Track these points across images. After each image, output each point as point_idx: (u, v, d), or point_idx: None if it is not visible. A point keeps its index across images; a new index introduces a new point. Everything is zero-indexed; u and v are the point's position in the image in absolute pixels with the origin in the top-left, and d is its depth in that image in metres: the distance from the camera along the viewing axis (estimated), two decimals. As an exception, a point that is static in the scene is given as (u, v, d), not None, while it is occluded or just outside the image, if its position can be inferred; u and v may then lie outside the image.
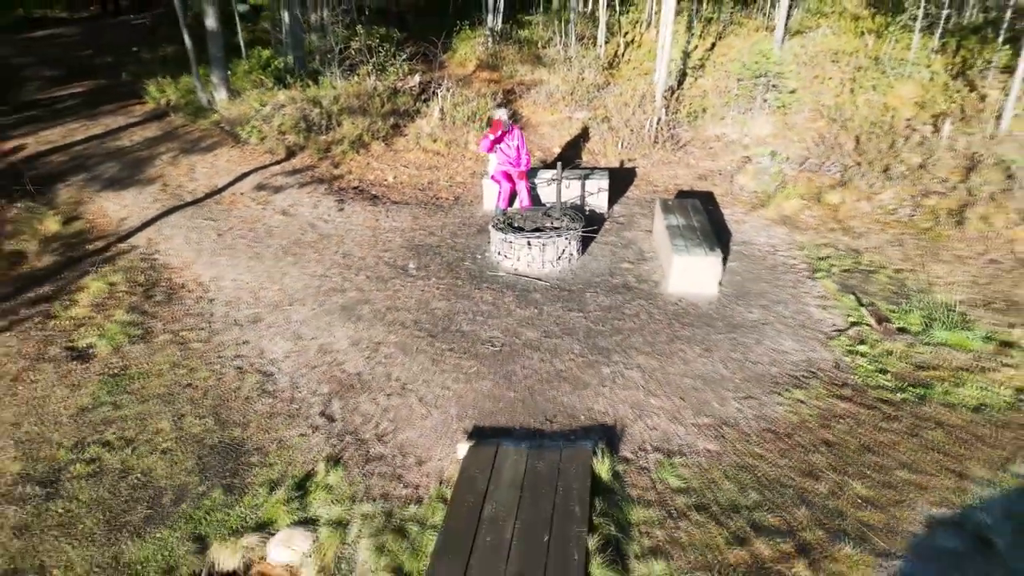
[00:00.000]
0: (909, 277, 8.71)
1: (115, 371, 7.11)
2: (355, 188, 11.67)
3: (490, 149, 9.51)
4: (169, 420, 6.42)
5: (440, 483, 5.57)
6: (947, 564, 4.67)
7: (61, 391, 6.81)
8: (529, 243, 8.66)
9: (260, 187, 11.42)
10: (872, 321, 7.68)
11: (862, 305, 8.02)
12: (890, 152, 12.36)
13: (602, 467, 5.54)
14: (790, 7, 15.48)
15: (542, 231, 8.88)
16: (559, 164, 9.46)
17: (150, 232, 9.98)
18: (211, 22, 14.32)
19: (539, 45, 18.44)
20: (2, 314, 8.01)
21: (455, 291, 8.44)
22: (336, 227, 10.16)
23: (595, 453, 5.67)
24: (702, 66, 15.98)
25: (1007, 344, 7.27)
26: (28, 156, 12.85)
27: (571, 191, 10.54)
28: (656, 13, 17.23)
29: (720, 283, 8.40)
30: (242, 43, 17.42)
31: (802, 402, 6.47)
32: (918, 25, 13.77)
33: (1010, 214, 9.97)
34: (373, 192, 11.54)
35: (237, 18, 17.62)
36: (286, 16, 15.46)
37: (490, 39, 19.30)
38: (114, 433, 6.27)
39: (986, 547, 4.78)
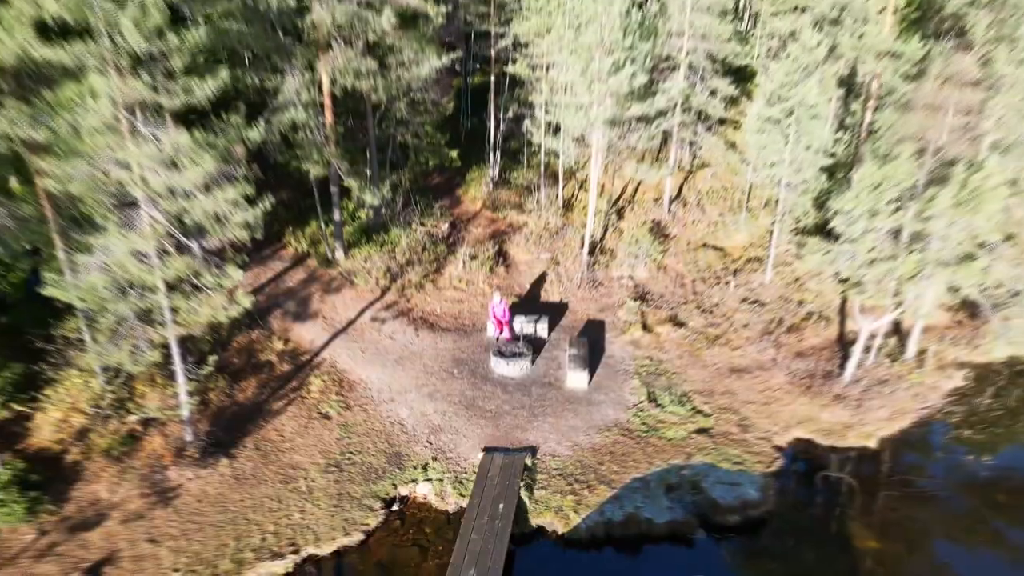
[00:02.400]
0: (675, 377, 19.66)
1: (341, 422, 18.08)
2: (420, 318, 22.60)
3: (493, 317, 20.42)
4: (371, 442, 17.41)
5: (472, 467, 16.53)
6: (640, 495, 15.63)
7: (325, 432, 17.79)
8: (507, 362, 19.60)
9: (373, 319, 22.34)
10: (646, 400, 18.62)
11: (647, 392, 18.94)
12: (704, 294, 23.29)
13: (528, 461, 16.51)
14: (677, 163, 26.46)
15: (513, 355, 19.82)
16: (522, 317, 20.35)
17: (328, 350, 20.91)
18: (336, 208, 25.06)
19: (523, 190, 29.04)
20: (285, 397, 18.98)
21: (474, 384, 19.38)
22: (416, 348, 21.10)
23: (526, 457, 16.64)
24: (621, 216, 26.96)
25: (698, 411, 18.22)
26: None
27: (530, 327, 21.40)
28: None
29: (588, 383, 19.33)
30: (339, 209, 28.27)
31: (608, 436, 17.44)
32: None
33: (742, 344, 20.88)
34: (431, 321, 22.47)
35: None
36: (368, 196, 26.15)
37: (491, 183, 30.14)
38: (354, 448, 17.26)
39: (646, 487, 15.72)
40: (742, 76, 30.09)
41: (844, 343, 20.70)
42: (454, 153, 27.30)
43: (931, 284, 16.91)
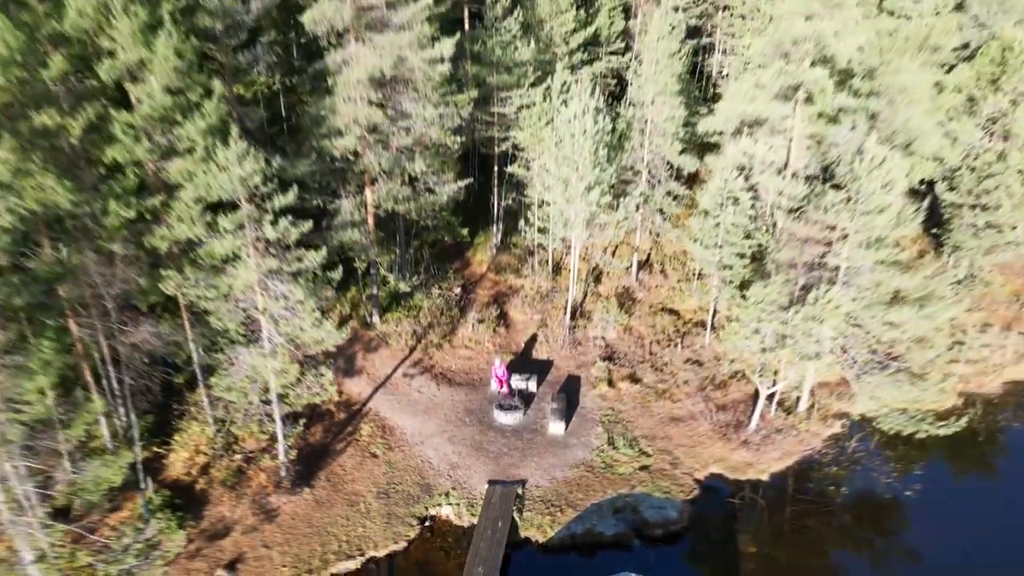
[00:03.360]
0: (629, 425, 26.80)
1: (386, 460, 25.28)
2: (440, 373, 29.73)
3: (495, 377, 27.57)
4: (408, 476, 24.62)
5: (480, 495, 23.75)
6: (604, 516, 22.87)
7: (375, 468, 24.98)
8: (505, 413, 26.77)
9: (404, 374, 29.48)
10: (606, 444, 25.78)
11: (608, 437, 26.09)
12: (658, 354, 30.38)
13: (519, 491, 23.72)
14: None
15: (510, 408, 26.96)
16: (517, 375, 27.47)
17: (372, 401, 28.06)
18: (374, 284, 32.11)
19: (521, 255, 36.03)
20: (343, 439, 26.18)
21: (481, 431, 26.53)
22: (439, 400, 28.23)
23: (518, 488, 23.86)
24: (599, 280, 34.05)
25: (643, 452, 25.41)
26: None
27: (523, 384, 28.48)
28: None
29: (565, 430, 26.47)
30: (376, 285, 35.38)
31: (576, 471, 24.63)
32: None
33: (682, 398, 28.03)
34: (448, 376, 29.60)
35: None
36: (401, 285, 32.81)
37: (494, 248, 37.22)
38: (396, 480, 24.49)
39: (600, 510, 22.94)
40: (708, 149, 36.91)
41: (756, 398, 27.81)
42: (465, 230, 34.14)
43: (803, 367, 23.96)
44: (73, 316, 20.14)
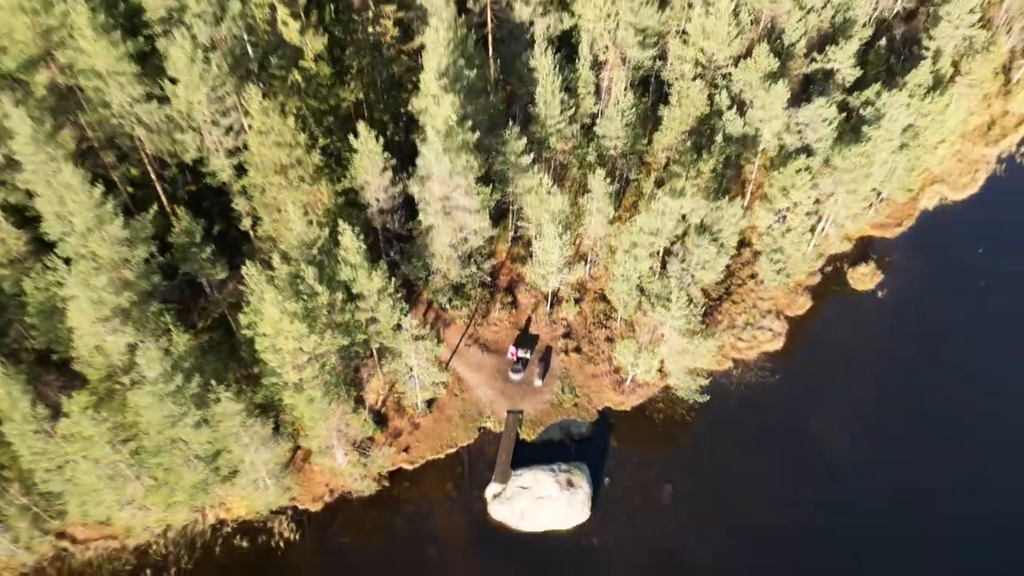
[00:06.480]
0: (572, 379, 57.77)
1: (462, 398, 57.00)
2: (483, 343, 59.65)
3: (511, 353, 57.77)
4: (472, 406, 56.56)
5: (503, 418, 55.91)
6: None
7: (459, 403, 56.82)
8: (514, 373, 57.59)
9: (465, 344, 59.45)
10: (560, 390, 57.06)
11: (562, 386, 57.24)
12: (592, 332, 59.98)
13: (520, 416, 55.80)
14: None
15: (516, 371, 57.66)
16: (520, 349, 57.52)
17: (452, 362, 58.71)
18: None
19: (527, 243, 63.60)
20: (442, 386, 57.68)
21: (504, 381, 57.39)
22: (483, 362, 58.66)
23: (520, 414, 55.86)
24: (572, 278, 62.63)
25: (576, 396, 56.90)
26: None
27: (524, 354, 58.46)
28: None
29: (542, 383, 57.48)
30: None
31: (546, 406, 56.43)
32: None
33: (601, 361, 58.51)
34: (487, 345, 59.38)
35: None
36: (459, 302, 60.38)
37: (509, 241, 64.63)
38: (467, 408, 56.56)
39: (557, 425, 55.24)
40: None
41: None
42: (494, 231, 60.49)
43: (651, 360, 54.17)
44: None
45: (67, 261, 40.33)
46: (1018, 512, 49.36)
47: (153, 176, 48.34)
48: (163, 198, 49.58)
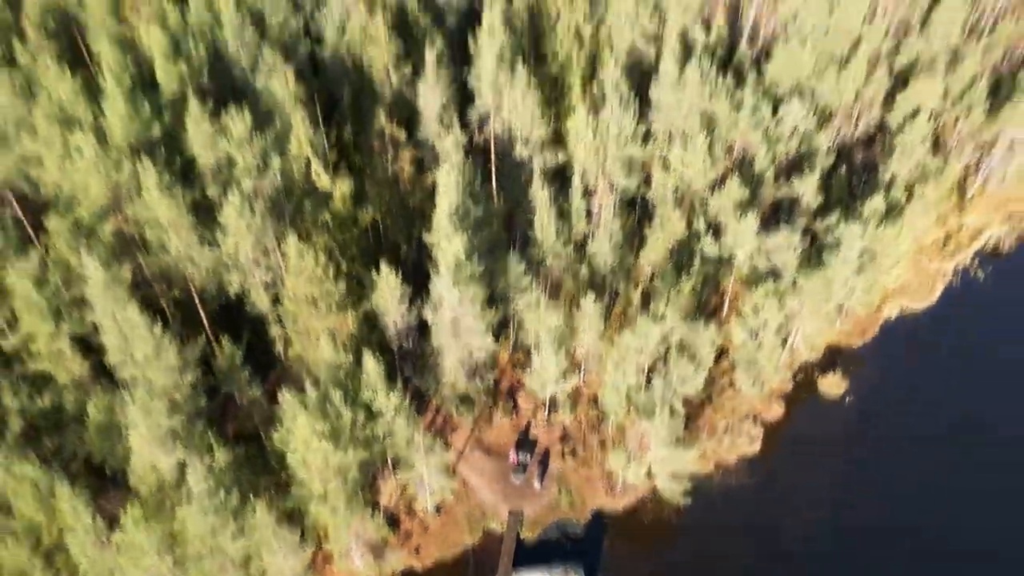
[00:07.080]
0: (568, 481, 63.07)
1: (469, 501, 62.20)
2: (487, 447, 65.28)
3: (511, 456, 63.26)
4: (479, 508, 61.75)
5: (505, 518, 60.98)
6: (546, 529, 60.31)
7: (465, 507, 62.00)
8: (515, 476, 62.94)
9: (471, 448, 65.04)
10: (556, 492, 62.32)
11: (559, 488, 62.55)
12: (585, 437, 65.69)
13: (521, 517, 60.91)
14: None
15: (517, 473, 63.05)
16: (521, 452, 63.01)
17: (458, 466, 64.14)
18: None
19: (527, 353, 69.87)
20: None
21: (505, 485, 62.70)
22: (487, 468, 64.19)
23: (520, 515, 60.99)
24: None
25: (571, 497, 62.15)
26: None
27: (524, 458, 63.98)
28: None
29: (540, 486, 62.81)
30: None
31: (544, 508, 61.60)
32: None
33: (589, 467, 64.01)
34: (490, 448, 65.13)
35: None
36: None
37: (510, 349, 70.94)
38: (474, 510, 61.73)
39: (553, 527, 60.34)
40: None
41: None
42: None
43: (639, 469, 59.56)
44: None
45: (123, 385, 46.46)
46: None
47: (199, 305, 54.95)
48: (206, 325, 56.06)
